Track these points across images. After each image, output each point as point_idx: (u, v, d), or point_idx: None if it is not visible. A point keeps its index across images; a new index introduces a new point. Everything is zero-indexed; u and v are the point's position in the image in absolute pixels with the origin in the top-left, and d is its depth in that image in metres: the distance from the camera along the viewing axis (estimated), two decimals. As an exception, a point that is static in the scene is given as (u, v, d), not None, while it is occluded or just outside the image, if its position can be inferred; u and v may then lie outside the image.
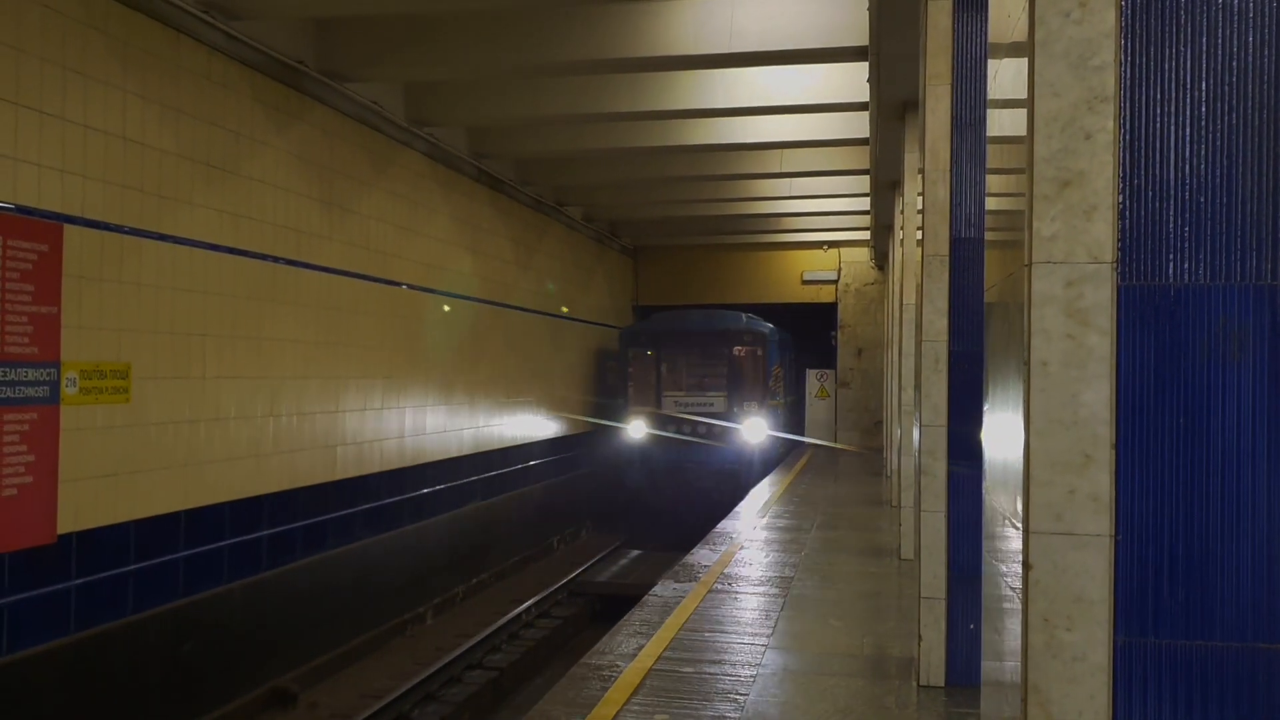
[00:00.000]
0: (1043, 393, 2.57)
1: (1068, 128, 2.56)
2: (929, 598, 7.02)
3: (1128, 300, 2.53)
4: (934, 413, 7.12)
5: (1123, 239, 2.54)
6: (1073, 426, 2.55)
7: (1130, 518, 2.51)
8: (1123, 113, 2.54)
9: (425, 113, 15.05)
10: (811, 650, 8.10)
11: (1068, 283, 2.56)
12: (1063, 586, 2.53)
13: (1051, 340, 2.57)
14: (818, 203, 23.62)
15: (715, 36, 12.31)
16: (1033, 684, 2.53)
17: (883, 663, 7.82)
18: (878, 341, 28.61)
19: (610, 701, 6.68)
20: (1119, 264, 2.54)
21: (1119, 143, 2.54)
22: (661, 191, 23.10)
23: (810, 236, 29.06)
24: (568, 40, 12.65)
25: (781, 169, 19.56)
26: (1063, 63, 2.55)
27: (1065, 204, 2.56)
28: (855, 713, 6.66)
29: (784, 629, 8.72)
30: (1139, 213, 2.53)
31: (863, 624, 9.05)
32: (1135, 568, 2.50)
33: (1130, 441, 2.51)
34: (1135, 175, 2.54)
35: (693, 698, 6.85)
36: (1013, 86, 2.84)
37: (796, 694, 7.01)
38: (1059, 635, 2.53)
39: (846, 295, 30.48)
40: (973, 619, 6.84)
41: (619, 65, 13.40)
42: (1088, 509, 2.53)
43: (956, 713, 6.61)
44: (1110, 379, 2.53)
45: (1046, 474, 2.56)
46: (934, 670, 7.04)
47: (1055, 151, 2.57)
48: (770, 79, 14.60)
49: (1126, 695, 2.48)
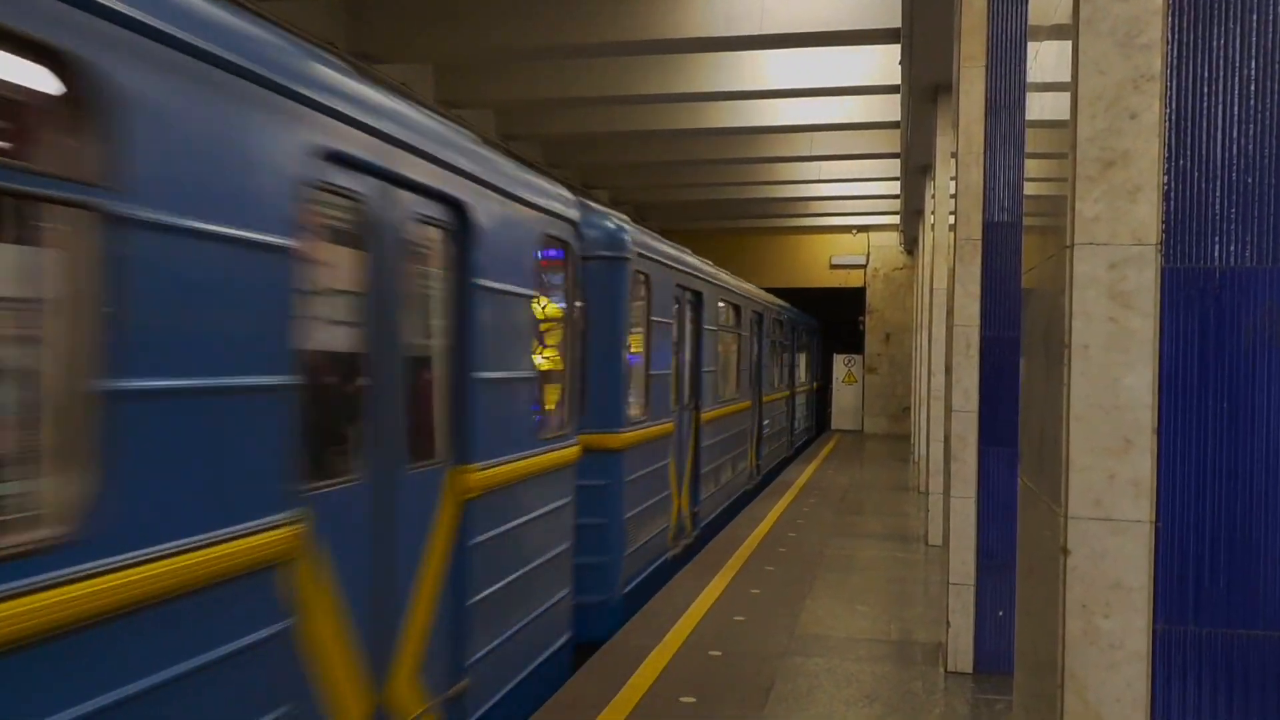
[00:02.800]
0: (1083, 376, 2.53)
1: (1112, 107, 2.51)
2: (957, 583, 6.99)
3: (1172, 283, 2.49)
4: (964, 398, 7.07)
5: (1167, 220, 2.50)
6: (1113, 411, 2.51)
7: (1171, 504, 2.47)
8: (1168, 91, 2.49)
9: (454, 94, 15.05)
10: (838, 635, 8.08)
11: (1110, 265, 2.51)
12: (1101, 572, 2.50)
13: (1093, 323, 2.53)
14: (847, 186, 23.51)
15: (746, 18, 12.23)
16: (1069, 670, 2.50)
17: (909, 648, 7.79)
18: (906, 326, 28.48)
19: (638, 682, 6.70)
20: (1163, 246, 2.50)
21: (1164, 122, 2.49)
22: (689, 175, 23.04)
23: (839, 221, 28.94)
24: (597, 21, 12.60)
25: (811, 152, 19.45)
26: (1108, 40, 2.50)
27: (1109, 185, 2.52)
28: (882, 698, 6.63)
29: (810, 613, 8.70)
30: (1184, 194, 2.49)
31: (889, 609, 9.02)
32: (1176, 554, 2.46)
33: (1172, 426, 2.47)
34: (1181, 155, 2.49)
35: (717, 683, 6.85)
36: (1055, 68, 2.80)
37: (823, 678, 7.00)
38: (1097, 622, 2.50)
39: (875, 280, 30.34)
40: (1002, 605, 6.80)
41: (648, 47, 13.35)
42: (1128, 494, 2.50)
43: (985, 699, 6.57)
44: (1153, 363, 2.49)
45: (1086, 459, 2.52)
46: (961, 656, 7.00)
47: (1099, 131, 2.52)
48: (800, 61, 14.50)
49: (1165, 684, 2.45)
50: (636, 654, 7.34)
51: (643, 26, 12.60)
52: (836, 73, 14.59)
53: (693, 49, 13.79)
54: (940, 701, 6.60)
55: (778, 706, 6.40)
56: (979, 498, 6.91)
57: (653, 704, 6.37)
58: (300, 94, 3.79)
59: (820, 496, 16.20)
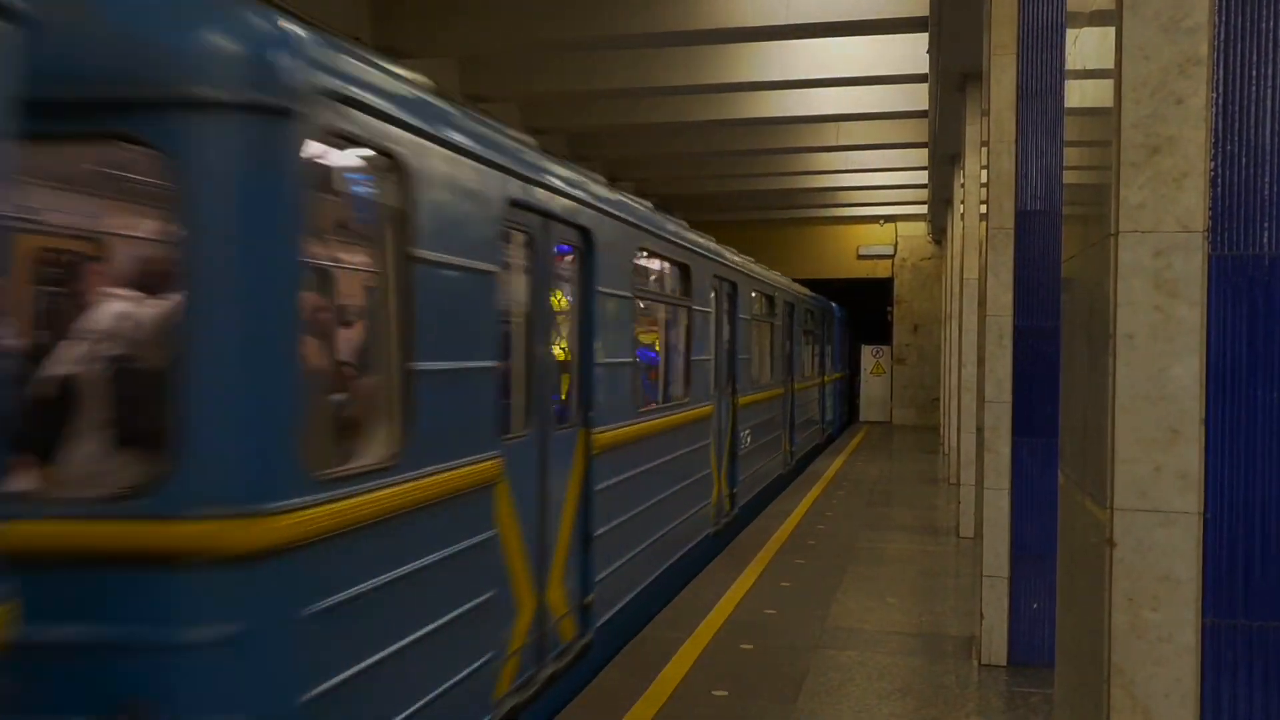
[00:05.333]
0: (1128, 366, 2.49)
1: (1157, 92, 2.47)
2: (991, 576, 6.93)
3: (1219, 270, 2.44)
4: (997, 388, 7.01)
5: (1214, 207, 2.45)
6: (1160, 401, 2.47)
7: (1220, 495, 2.43)
8: (1216, 76, 2.44)
9: (479, 88, 15.04)
10: (869, 628, 8.04)
11: (1156, 252, 2.47)
12: (1148, 565, 2.46)
13: (1138, 312, 2.48)
14: (874, 176, 23.39)
15: (772, 8, 12.17)
16: (1116, 665, 2.46)
17: (941, 641, 7.74)
18: (935, 317, 28.31)
19: (670, 674, 6.69)
20: (1210, 233, 2.45)
21: (1211, 107, 2.45)
22: (716, 166, 22.98)
23: (866, 211, 28.80)
24: (623, 13, 12.57)
25: (837, 142, 19.35)
26: (1153, 25, 2.46)
27: (1154, 171, 2.48)
28: (915, 691, 6.59)
29: (841, 606, 8.66)
30: (1232, 180, 2.44)
31: (921, 602, 8.97)
32: (1225, 547, 2.42)
33: (1221, 416, 2.43)
34: (1228, 140, 2.44)
35: (749, 676, 6.83)
36: (1097, 54, 2.75)
37: (855, 671, 6.96)
38: (1144, 615, 2.46)
39: (903, 270, 30.18)
40: (1036, 598, 6.74)
41: (675, 38, 13.30)
42: (1175, 486, 2.45)
43: (1020, 692, 6.52)
44: (1200, 352, 2.45)
45: (1132, 450, 2.48)
46: (995, 649, 6.95)
47: (1144, 117, 2.48)
48: (827, 51, 14.42)
49: (1215, 679, 2.41)
50: (668, 647, 7.33)
51: (669, 18, 12.56)
52: (863, 62, 14.50)
53: (719, 40, 13.74)
54: (974, 695, 6.56)
55: (810, 700, 6.37)
56: (1012, 489, 6.85)
57: (685, 697, 6.36)
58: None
59: (850, 488, 16.14)
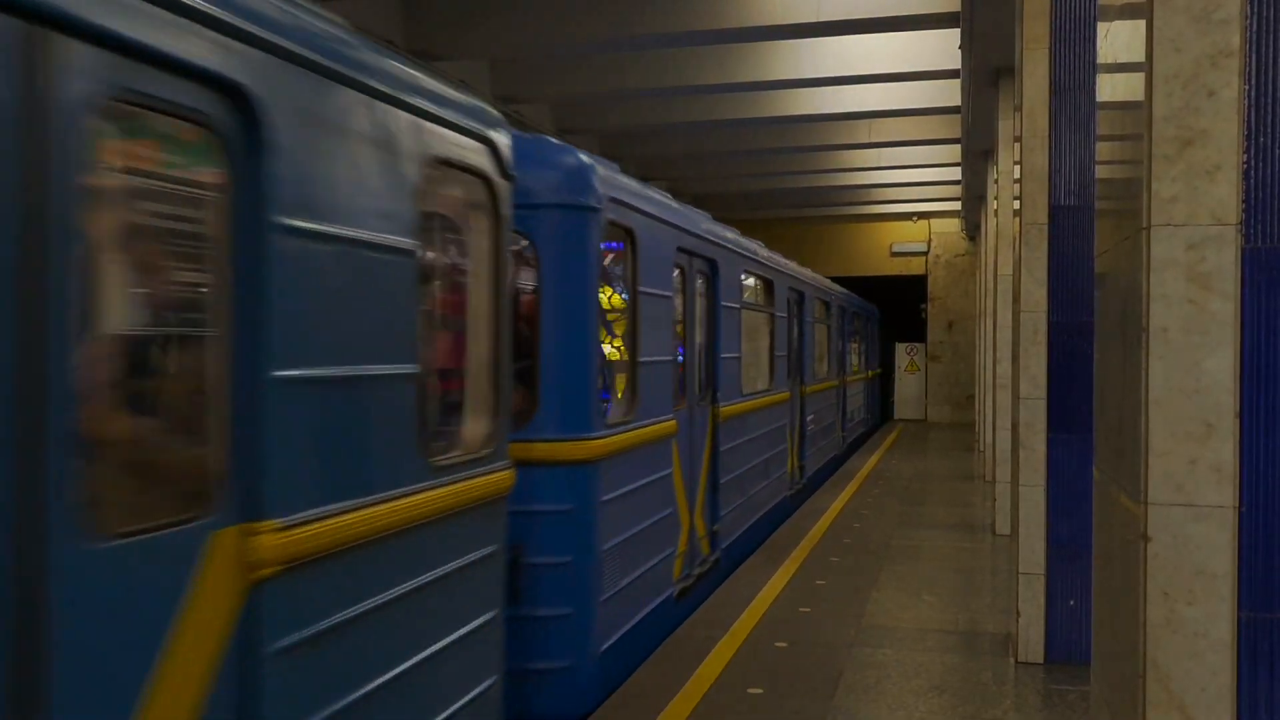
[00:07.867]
0: (1162, 360, 2.49)
1: (1189, 84, 2.46)
2: (1027, 573, 6.90)
3: (1253, 263, 2.43)
4: (1032, 385, 6.97)
5: (1247, 199, 2.44)
6: (1194, 395, 2.46)
7: (1255, 489, 2.42)
8: (1248, 68, 2.43)
9: (511, 89, 15.11)
10: (905, 626, 8.02)
11: (1189, 246, 2.46)
12: (1183, 559, 2.45)
13: (1171, 306, 2.48)
14: (907, 173, 23.27)
15: (803, 6, 12.15)
16: (1151, 659, 2.46)
17: (977, 639, 7.71)
18: (969, 314, 28.15)
19: (705, 672, 6.70)
20: (1243, 225, 2.44)
21: (1244, 99, 2.44)
22: (747, 165, 22.95)
23: (899, 208, 28.66)
24: (653, 12, 12.59)
25: (870, 139, 19.28)
26: (1184, 17, 2.45)
27: (1186, 164, 2.47)
28: (952, 689, 6.58)
29: (877, 604, 8.64)
30: (1265, 172, 2.43)
31: (956, 600, 8.93)
32: (1261, 541, 2.41)
33: (1255, 410, 2.42)
34: (1261, 133, 2.43)
35: (784, 674, 6.83)
36: (1128, 47, 2.74)
37: (891, 669, 6.95)
38: (1180, 610, 2.45)
39: (936, 267, 30.02)
40: (1073, 594, 6.70)
41: (705, 37, 13.31)
42: (1210, 480, 2.45)
43: (1057, 689, 6.49)
44: (1234, 345, 2.44)
45: (1166, 444, 2.48)
46: (1032, 646, 6.91)
47: (1176, 110, 2.47)
48: (858, 48, 14.37)
49: (1252, 673, 2.40)
50: (703, 645, 7.35)
51: (700, 17, 12.56)
52: (895, 59, 14.44)
53: (750, 38, 13.72)
54: (1011, 692, 6.53)
55: (847, 697, 6.37)
56: (1048, 486, 6.81)
57: (721, 694, 6.37)
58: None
59: (885, 486, 16.08)
